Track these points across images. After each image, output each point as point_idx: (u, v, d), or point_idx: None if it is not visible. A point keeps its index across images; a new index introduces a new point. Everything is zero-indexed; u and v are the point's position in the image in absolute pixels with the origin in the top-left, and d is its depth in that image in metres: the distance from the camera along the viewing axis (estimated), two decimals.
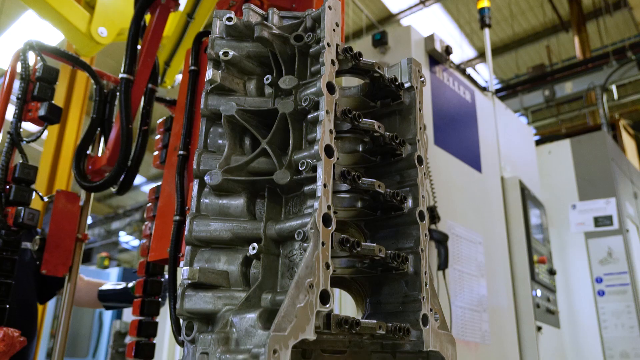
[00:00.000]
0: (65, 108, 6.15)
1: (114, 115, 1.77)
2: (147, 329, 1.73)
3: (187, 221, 0.92)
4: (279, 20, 1.02)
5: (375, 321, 0.89)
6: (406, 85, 1.13)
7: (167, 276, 1.81)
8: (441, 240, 2.22)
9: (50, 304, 8.68)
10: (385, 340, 1.01)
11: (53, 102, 1.66)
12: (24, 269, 2.30)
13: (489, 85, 3.34)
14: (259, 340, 0.78)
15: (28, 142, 1.65)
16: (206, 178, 0.93)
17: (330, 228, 0.84)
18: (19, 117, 1.62)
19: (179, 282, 1.08)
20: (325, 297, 0.80)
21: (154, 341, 1.75)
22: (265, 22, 1.00)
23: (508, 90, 7.97)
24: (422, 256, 1.00)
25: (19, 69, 1.65)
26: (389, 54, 2.66)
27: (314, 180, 0.86)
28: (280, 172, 0.90)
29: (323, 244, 0.82)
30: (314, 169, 0.87)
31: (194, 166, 0.96)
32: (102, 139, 1.79)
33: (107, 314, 9.71)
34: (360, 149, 1.07)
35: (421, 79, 1.16)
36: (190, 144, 1.36)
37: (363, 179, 0.96)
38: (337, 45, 0.97)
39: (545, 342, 2.80)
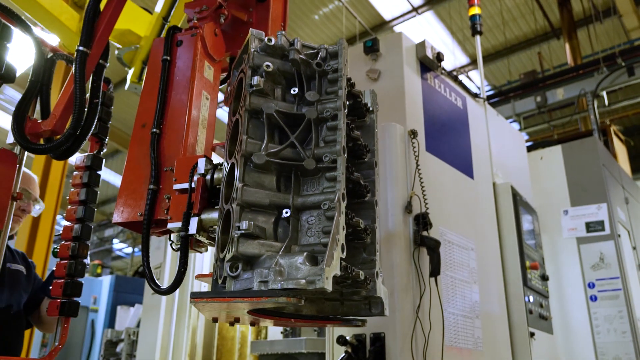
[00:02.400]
0: None
1: (51, 82, 1.84)
2: (73, 289, 1.83)
3: (239, 188, 1.19)
4: (301, 47, 1.34)
5: (360, 270, 1.26)
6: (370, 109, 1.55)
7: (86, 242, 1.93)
8: (433, 247, 2.22)
9: None
10: (346, 289, 1.34)
11: (8, 61, 1.71)
12: (17, 289, 2.36)
13: (480, 92, 3.36)
14: (308, 272, 1.09)
15: None
16: (253, 158, 1.22)
17: (345, 202, 1.19)
18: None
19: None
20: (343, 248, 1.15)
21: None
22: (292, 46, 1.32)
23: (500, 97, 8.01)
24: (376, 231, 1.40)
25: None
26: (380, 61, 2.66)
27: (333, 169, 1.21)
28: (308, 160, 1.22)
29: (341, 213, 1.17)
30: (334, 161, 1.21)
31: (243, 146, 1.23)
32: (39, 104, 1.82)
33: (99, 323, 9.62)
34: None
35: (377, 107, 1.59)
36: (162, 124, 1.57)
37: (355, 173, 1.37)
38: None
39: (538, 348, 2.80)
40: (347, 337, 2.15)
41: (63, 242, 1.88)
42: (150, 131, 1.58)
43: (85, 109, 1.63)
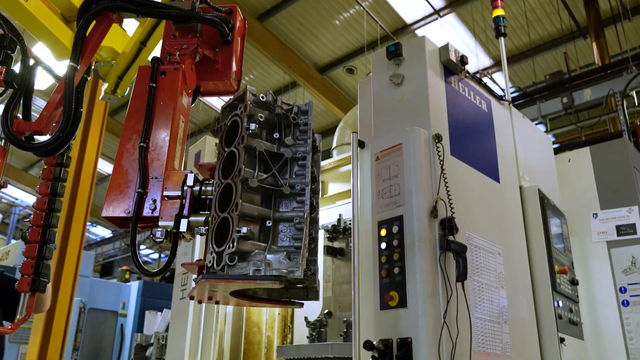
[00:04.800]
0: (85, 125, 6.30)
1: (33, 86, 2.06)
2: (43, 269, 2.06)
3: (239, 203, 1.60)
4: (281, 103, 1.80)
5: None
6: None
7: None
8: (459, 252, 2.21)
9: (73, 318, 8.77)
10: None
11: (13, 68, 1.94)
12: None
13: (505, 94, 3.32)
14: (288, 265, 1.55)
15: None
16: (249, 182, 1.64)
17: (308, 217, 1.66)
18: None
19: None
20: (307, 250, 1.61)
21: None
22: (276, 103, 1.79)
23: (525, 98, 7.90)
24: (317, 240, 1.83)
25: None
26: (404, 66, 2.67)
27: (302, 195, 1.68)
28: (285, 187, 1.68)
29: (307, 226, 1.64)
30: (302, 189, 1.68)
31: (241, 174, 1.64)
32: (22, 106, 2.03)
33: (128, 327, 9.80)
34: None
35: (320, 147, 1.96)
36: (147, 139, 1.89)
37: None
38: None
39: (568, 354, 2.75)
40: (374, 342, 2.16)
41: (32, 228, 2.09)
42: (137, 144, 1.87)
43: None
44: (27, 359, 5.06)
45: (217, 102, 12.19)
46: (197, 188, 1.78)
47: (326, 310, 3.63)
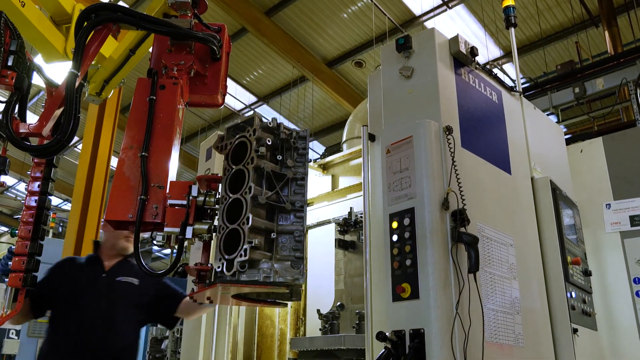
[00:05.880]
0: (98, 123, 6.40)
1: (30, 88, 2.17)
2: (34, 265, 2.20)
3: (250, 217, 1.77)
4: (284, 128, 1.99)
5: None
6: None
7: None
8: (471, 243, 2.21)
9: None
10: None
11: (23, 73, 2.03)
12: (123, 300, 2.95)
13: (516, 85, 3.30)
14: (293, 273, 1.79)
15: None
16: (259, 199, 1.83)
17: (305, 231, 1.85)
18: None
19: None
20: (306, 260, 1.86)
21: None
22: (279, 128, 1.97)
23: (536, 89, 7.82)
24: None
25: None
26: (413, 58, 2.67)
27: (301, 210, 1.91)
28: (287, 204, 1.90)
29: (305, 238, 1.83)
30: (302, 205, 1.91)
31: (252, 191, 1.81)
32: (17, 109, 2.12)
33: None
34: None
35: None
36: (148, 149, 1.99)
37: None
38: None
39: (582, 345, 2.75)
40: (387, 334, 2.17)
41: (22, 225, 2.20)
42: (138, 153, 1.96)
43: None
44: None
45: (228, 99, 12.22)
46: (201, 199, 1.93)
47: (338, 303, 3.66)
